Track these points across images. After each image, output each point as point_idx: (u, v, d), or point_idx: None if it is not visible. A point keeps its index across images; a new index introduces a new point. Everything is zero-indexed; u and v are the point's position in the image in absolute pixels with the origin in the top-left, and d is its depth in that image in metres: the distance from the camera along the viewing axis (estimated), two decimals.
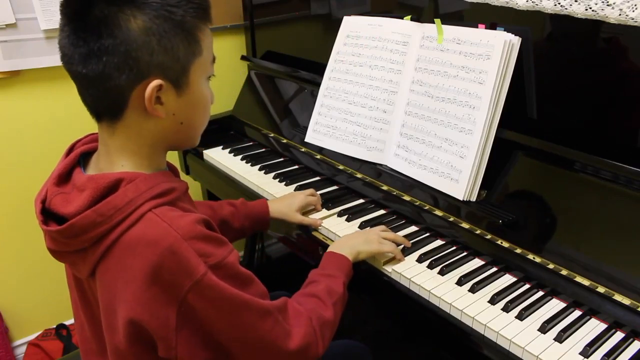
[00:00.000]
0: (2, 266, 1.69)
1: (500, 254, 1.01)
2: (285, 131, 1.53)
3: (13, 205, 1.65)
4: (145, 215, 0.67)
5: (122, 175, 0.69)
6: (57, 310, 1.82)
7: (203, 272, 0.66)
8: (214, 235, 0.70)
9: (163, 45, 0.67)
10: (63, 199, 0.70)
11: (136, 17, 0.65)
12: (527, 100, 1.09)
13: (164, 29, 0.66)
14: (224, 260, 0.68)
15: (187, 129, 0.75)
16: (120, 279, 0.67)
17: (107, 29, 0.64)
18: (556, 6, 0.95)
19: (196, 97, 0.73)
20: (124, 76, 0.66)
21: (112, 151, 0.73)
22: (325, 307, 0.84)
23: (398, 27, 1.25)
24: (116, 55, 0.65)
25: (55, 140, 1.66)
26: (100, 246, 0.67)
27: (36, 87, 1.59)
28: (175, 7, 0.67)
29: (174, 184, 0.74)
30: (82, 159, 0.77)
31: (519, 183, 1.06)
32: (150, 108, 0.68)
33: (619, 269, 0.87)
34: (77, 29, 0.66)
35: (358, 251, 0.99)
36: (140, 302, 0.66)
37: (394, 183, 1.21)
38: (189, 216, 0.68)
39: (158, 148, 0.75)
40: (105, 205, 0.66)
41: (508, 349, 0.84)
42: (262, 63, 1.73)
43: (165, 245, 0.65)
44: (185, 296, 0.66)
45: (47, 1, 1.50)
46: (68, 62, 0.68)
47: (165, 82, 0.68)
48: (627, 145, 0.97)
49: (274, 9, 1.75)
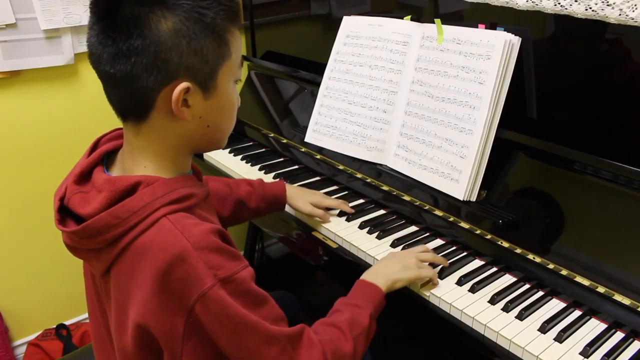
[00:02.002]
0: (2, 266, 1.69)
1: (500, 254, 1.01)
2: (285, 131, 1.53)
3: (13, 205, 1.65)
4: (160, 221, 0.66)
5: (140, 178, 0.68)
6: (57, 310, 1.82)
7: (210, 284, 0.64)
8: (227, 247, 0.68)
9: (193, 47, 0.65)
10: (81, 198, 0.70)
11: (167, 18, 0.64)
12: (527, 100, 1.09)
13: (194, 31, 0.65)
14: (234, 275, 0.66)
15: (214, 132, 0.74)
16: (132, 283, 0.67)
17: (137, 29, 0.63)
18: (556, 6, 0.96)
19: (223, 101, 0.72)
20: (152, 77, 0.65)
21: (135, 151, 0.72)
22: (344, 340, 0.78)
23: (398, 27, 1.25)
24: (145, 56, 0.64)
25: (55, 140, 1.66)
26: (115, 248, 0.67)
27: (36, 87, 1.59)
28: (206, 8, 0.66)
29: (194, 189, 0.72)
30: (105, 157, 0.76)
31: (519, 183, 1.06)
32: (177, 110, 0.67)
33: (619, 269, 0.87)
34: (106, 27, 0.65)
35: (394, 280, 0.90)
36: (148, 308, 0.66)
37: (394, 183, 1.21)
38: (203, 225, 0.67)
39: (183, 150, 0.74)
40: (120, 208, 0.66)
41: (508, 349, 0.84)
42: (262, 63, 1.73)
43: (175, 253, 0.64)
44: (193, 306, 0.65)
45: (47, 1, 1.50)
46: (96, 61, 0.67)
47: (193, 84, 0.67)
48: (627, 145, 0.97)
49: (274, 9, 1.75)
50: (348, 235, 1.12)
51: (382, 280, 0.89)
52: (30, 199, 1.67)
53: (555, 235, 0.97)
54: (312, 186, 1.32)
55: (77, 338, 1.77)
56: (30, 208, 1.68)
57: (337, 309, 0.85)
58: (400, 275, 0.91)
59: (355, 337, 0.79)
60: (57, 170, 1.70)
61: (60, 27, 1.54)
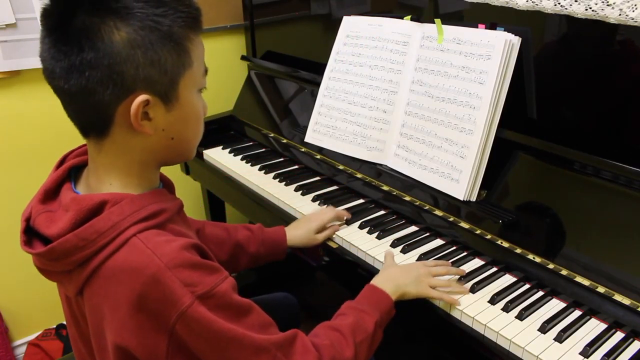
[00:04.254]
0: (2, 266, 1.69)
1: (500, 254, 1.01)
2: (285, 131, 1.53)
3: (13, 205, 1.65)
4: (130, 241, 0.64)
5: (106, 197, 0.66)
6: (57, 310, 1.81)
7: (188, 303, 0.62)
8: (203, 262, 0.65)
9: (149, 58, 0.63)
10: (47, 218, 0.68)
11: (120, 28, 0.61)
12: (527, 100, 1.09)
13: (150, 41, 0.62)
14: (214, 290, 0.64)
15: (179, 144, 0.71)
16: (106, 305, 0.65)
17: (88, 42, 0.61)
18: (556, 6, 0.95)
19: (187, 111, 0.69)
20: (108, 91, 0.62)
21: (100, 169, 0.70)
22: (345, 345, 0.75)
23: (398, 27, 1.25)
24: (99, 70, 0.61)
25: (55, 141, 1.66)
26: (85, 270, 0.65)
27: (36, 87, 1.59)
28: (161, 16, 0.63)
29: (164, 204, 0.70)
30: (73, 172, 0.74)
31: (519, 183, 1.06)
32: (137, 124, 0.65)
33: (619, 269, 0.87)
34: (58, 41, 0.62)
35: (404, 292, 0.88)
36: (127, 329, 0.64)
37: (394, 183, 1.21)
38: (176, 242, 0.64)
39: (149, 165, 0.72)
40: (87, 229, 0.63)
41: (508, 349, 0.84)
42: (262, 63, 1.73)
43: (148, 274, 0.61)
44: (174, 326, 0.63)
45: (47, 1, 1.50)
46: (49, 76, 0.64)
47: (152, 96, 0.64)
48: (627, 145, 0.97)
49: (274, 9, 1.75)
50: (348, 235, 1.12)
51: (393, 289, 0.87)
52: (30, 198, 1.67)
53: (555, 235, 0.97)
54: (312, 186, 1.32)
55: None
56: None
57: (342, 313, 0.83)
58: (410, 288, 0.89)
59: (358, 344, 0.77)
60: None
61: None
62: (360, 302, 0.85)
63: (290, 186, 1.34)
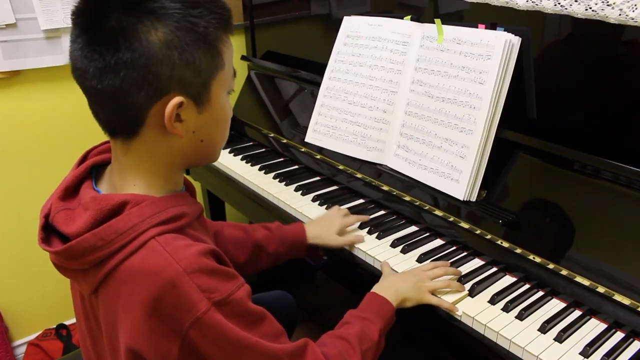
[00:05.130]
0: (2, 266, 1.69)
1: (500, 254, 1.01)
2: (285, 131, 1.53)
3: (13, 205, 1.65)
4: (148, 243, 0.63)
5: (128, 197, 0.65)
6: (57, 310, 1.82)
7: (204, 309, 0.62)
8: (221, 268, 0.65)
9: (185, 59, 0.62)
10: (66, 215, 0.67)
11: (157, 28, 0.60)
12: (527, 100, 1.09)
13: (186, 42, 0.62)
14: (230, 297, 0.64)
15: (207, 147, 0.71)
16: (121, 306, 0.65)
17: (125, 42, 0.60)
18: (556, 6, 0.95)
19: (217, 114, 0.69)
20: (142, 92, 0.62)
21: (125, 169, 0.69)
22: (353, 353, 0.76)
23: (398, 27, 1.25)
24: (135, 70, 0.61)
25: (55, 141, 1.66)
26: (102, 270, 0.64)
27: (36, 87, 1.59)
28: (197, 17, 0.62)
29: (185, 208, 0.69)
30: (94, 170, 0.73)
31: (519, 183, 1.06)
32: (170, 126, 0.64)
33: (619, 269, 0.87)
34: (92, 41, 0.61)
35: (405, 298, 0.89)
36: (140, 333, 0.63)
37: (394, 183, 1.21)
38: (195, 246, 0.64)
39: (175, 167, 0.71)
40: (106, 230, 0.63)
41: (508, 349, 0.84)
42: (262, 63, 1.73)
43: (166, 278, 0.61)
44: (187, 332, 0.63)
45: (47, 1, 1.50)
46: (81, 76, 0.63)
47: (186, 98, 0.64)
48: (627, 145, 0.97)
49: (274, 9, 1.75)
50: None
51: (393, 296, 0.88)
52: (30, 199, 1.67)
53: (555, 235, 0.97)
54: (312, 186, 1.32)
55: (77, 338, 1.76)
56: (30, 208, 1.68)
57: (347, 322, 0.83)
58: (410, 294, 0.90)
59: (364, 352, 0.78)
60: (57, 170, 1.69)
61: (60, 27, 1.54)
62: (363, 311, 0.85)
63: (290, 186, 1.34)
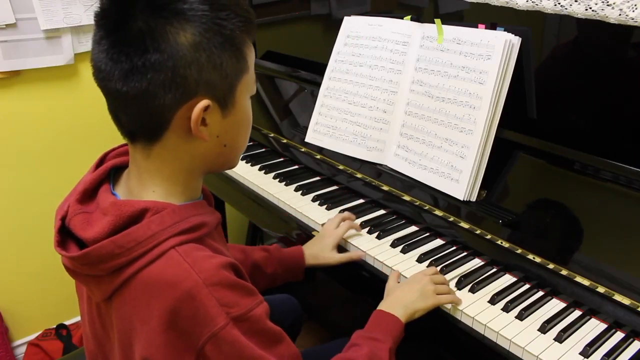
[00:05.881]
0: (2, 266, 1.69)
1: (500, 254, 1.01)
2: (285, 131, 1.53)
3: (13, 205, 1.65)
4: (168, 253, 0.62)
5: (148, 204, 0.64)
6: (57, 310, 1.82)
7: (223, 324, 0.60)
8: (241, 283, 0.63)
9: (212, 62, 0.61)
10: (84, 219, 0.65)
11: (185, 30, 0.59)
12: (527, 100, 1.09)
13: (214, 44, 0.61)
14: (249, 313, 0.62)
15: (230, 152, 0.70)
16: (137, 316, 0.63)
17: (153, 43, 0.59)
18: (556, 6, 0.96)
19: (241, 117, 0.68)
20: (169, 95, 0.60)
21: (145, 174, 0.67)
22: None
23: (398, 27, 1.25)
24: (163, 72, 0.59)
25: (55, 141, 1.66)
26: (118, 278, 0.63)
27: (36, 87, 1.59)
28: (225, 20, 0.62)
29: (205, 217, 0.68)
30: (112, 172, 0.72)
31: (519, 183, 1.06)
32: (196, 130, 0.63)
33: (619, 269, 0.87)
34: (118, 42, 0.60)
35: (414, 310, 0.86)
36: (155, 344, 0.62)
37: (394, 183, 1.21)
38: (215, 259, 0.63)
39: (195, 173, 0.70)
40: (125, 237, 0.61)
41: (508, 349, 0.84)
42: (262, 63, 1.73)
43: (184, 289, 0.59)
44: (203, 346, 0.60)
45: (47, 1, 1.50)
46: (105, 78, 0.61)
47: (212, 101, 0.63)
48: (627, 145, 0.97)
49: (274, 9, 1.75)
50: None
51: (402, 311, 0.85)
52: (30, 199, 1.67)
53: (555, 235, 0.97)
54: (312, 186, 1.32)
55: (77, 338, 1.77)
56: (30, 208, 1.68)
57: (355, 343, 0.80)
58: (419, 304, 0.87)
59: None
60: (57, 170, 1.70)
61: (60, 27, 1.54)
62: (371, 331, 0.82)
63: (290, 186, 1.34)
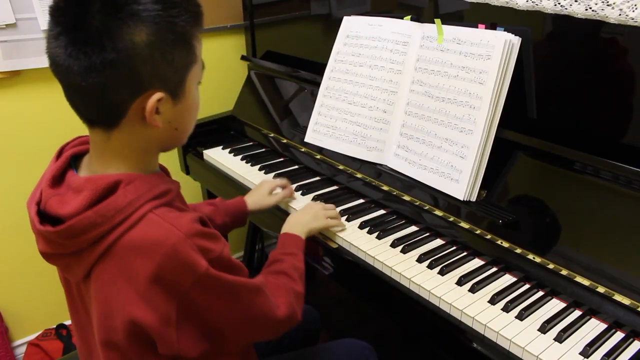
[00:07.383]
0: (2, 266, 1.69)
1: (500, 254, 1.01)
2: (285, 131, 1.53)
3: (13, 205, 1.65)
4: (146, 216, 0.67)
5: (120, 177, 0.69)
6: (57, 310, 1.82)
7: (205, 267, 0.68)
8: (210, 231, 0.72)
9: (165, 58, 0.66)
10: (59, 200, 0.70)
11: (141, 30, 0.63)
12: (527, 100, 1.09)
13: (167, 42, 0.65)
14: (221, 254, 0.71)
15: (180, 133, 0.76)
16: (120, 280, 0.68)
17: (111, 43, 0.62)
18: (556, 6, 0.96)
19: (190, 104, 0.74)
20: (126, 90, 0.65)
21: (106, 155, 0.72)
22: (294, 282, 0.91)
23: (398, 27, 1.25)
24: (120, 69, 0.63)
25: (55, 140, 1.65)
26: (98, 247, 0.67)
27: (36, 87, 1.59)
28: (176, 17, 0.66)
29: (170, 185, 0.75)
30: (72, 161, 0.77)
31: (519, 183, 1.06)
32: (151, 119, 0.68)
33: (619, 269, 0.87)
34: (77, 40, 0.63)
35: (310, 229, 1.08)
36: (143, 301, 0.67)
37: (394, 183, 1.21)
38: (186, 215, 0.70)
39: (152, 151, 0.76)
40: (105, 207, 0.66)
41: (508, 349, 0.84)
42: (262, 63, 1.73)
43: (169, 245, 0.66)
44: (187, 292, 0.68)
45: (47, 1, 1.50)
46: (63, 72, 0.65)
47: (165, 93, 0.68)
48: (627, 145, 0.97)
49: (274, 9, 1.75)
50: (348, 235, 1.12)
51: (301, 229, 1.06)
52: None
53: (555, 235, 0.97)
54: (312, 186, 1.32)
55: None
56: None
57: (277, 259, 0.96)
58: (313, 224, 1.09)
59: (300, 278, 0.94)
60: None
61: None
62: (287, 248, 1.01)
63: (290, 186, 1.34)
